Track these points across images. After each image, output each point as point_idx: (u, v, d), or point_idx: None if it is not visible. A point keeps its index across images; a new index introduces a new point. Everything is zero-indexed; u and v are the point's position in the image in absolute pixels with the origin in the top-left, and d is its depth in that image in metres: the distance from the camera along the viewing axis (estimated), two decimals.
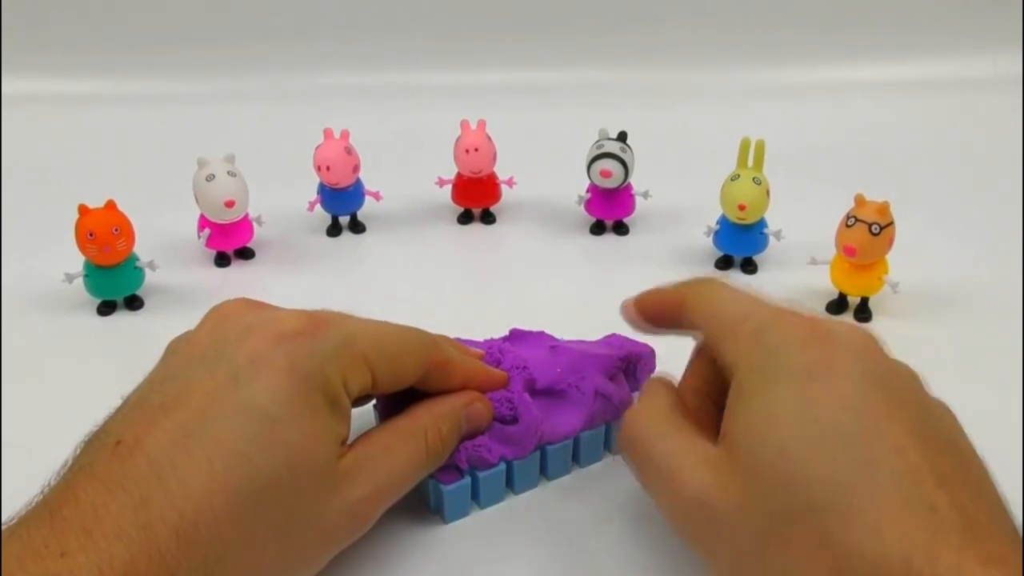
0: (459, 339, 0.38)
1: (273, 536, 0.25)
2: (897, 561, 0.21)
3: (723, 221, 0.53)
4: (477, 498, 0.34)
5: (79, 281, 0.49)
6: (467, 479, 0.33)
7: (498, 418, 0.34)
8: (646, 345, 0.38)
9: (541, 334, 0.38)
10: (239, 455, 0.25)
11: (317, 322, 0.29)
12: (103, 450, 0.25)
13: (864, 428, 0.24)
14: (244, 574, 0.25)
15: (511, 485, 0.35)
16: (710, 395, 0.31)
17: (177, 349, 0.29)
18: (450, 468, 0.33)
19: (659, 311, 0.33)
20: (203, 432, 0.25)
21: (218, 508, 0.24)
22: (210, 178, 0.51)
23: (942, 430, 0.25)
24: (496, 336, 0.39)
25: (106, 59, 0.83)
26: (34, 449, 0.27)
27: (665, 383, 0.31)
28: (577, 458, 0.36)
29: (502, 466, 0.34)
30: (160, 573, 0.23)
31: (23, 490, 0.26)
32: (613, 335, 0.39)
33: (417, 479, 0.31)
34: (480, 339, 0.38)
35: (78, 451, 0.26)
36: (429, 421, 0.31)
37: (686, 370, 0.32)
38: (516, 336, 0.39)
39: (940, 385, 0.42)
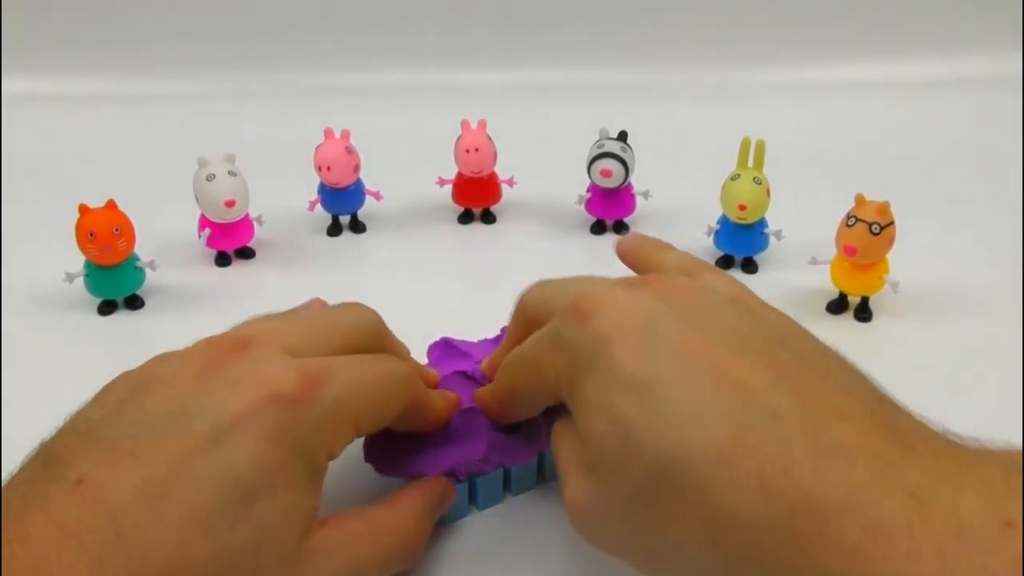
0: (451, 338, 0.38)
1: None
2: (753, 481, 0.21)
3: (723, 221, 0.53)
4: (475, 500, 0.34)
5: (79, 281, 0.49)
6: (465, 483, 0.33)
7: (499, 427, 0.34)
8: None
9: None
10: (208, 528, 0.23)
11: (311, 382, 0.26)
12: (61, 484, 0.23)
13: (675, 372, 0.23)
14: None
15: (508, 487, 0.35)
16: None
17: (156, 382, 0.27)
18: (448, 475, 0.33)
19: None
20: (174, 494, 0.23)
21: (164, 560, 0.22)
22: (210, 178, 0.51)
23: (769, 330, 0.25)
24: (489, 336, 0.39)
25: (106, 59, 0.83)
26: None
27: None
28: None
29: (499, 471, 0.34)
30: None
31: None
32: None
33: (390, 572, 0.29)
34: (475, 340, 0.38)
35: (27, 465, 0.25)
36: (409, 516, 0.30)
37: None
38: None
39: (940, 385, 0.42)
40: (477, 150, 0.57)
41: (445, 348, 0.38)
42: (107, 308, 0.50)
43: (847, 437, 0.21)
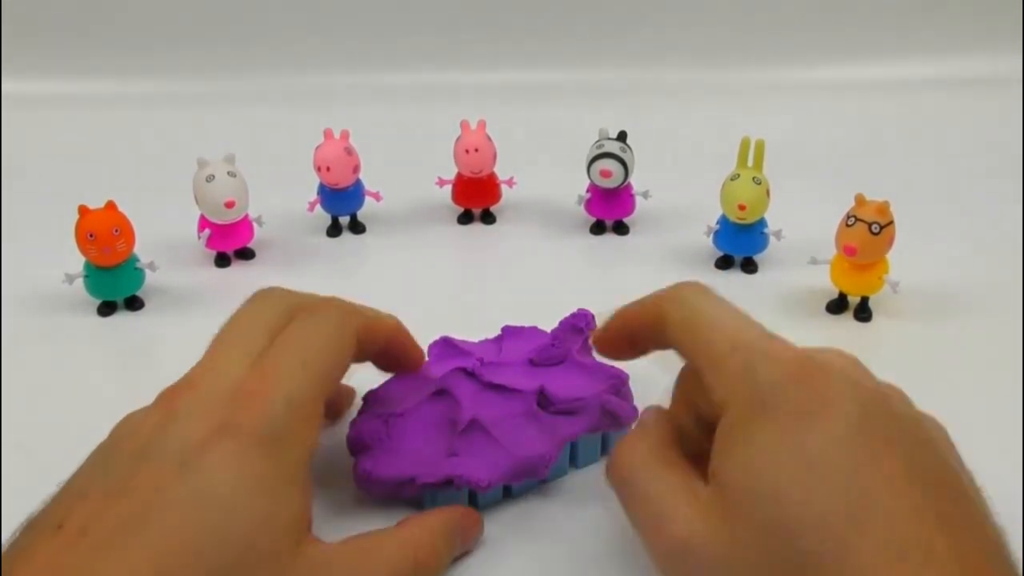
0: (451, 338, 0.38)
1: None
2: None
3: (723, 221, 0.53)
4: (475, 503, 0.34)
5: (79, 281, 0.49)
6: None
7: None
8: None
9: (533, 330, 0.38)
10: (188, 547, 0.23)
11: (261, 378, 0.27)
12: (43, 533, 0.23)
13: (859, 467, 0.23)
14: None
15: (508, 492, 0.35)
16: (701, 420, 0.29)
17: (121, 434, 0.27)
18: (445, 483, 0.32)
19: (636, 330, 0.30)
20: (150, 522, 0.23)
21: None
22: (210, 178, 0.51)
23: (938, 459, 0.24)
24: (490, 336, 0.39)
25: (106, 59, 0.83)
26: (34, 450, 0.27)
27: (659, 412, 0.30)
28: (575, 460, 0.36)
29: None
30: None
31: (23, 491, 0.26)
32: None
33: None
34: (475, 340, 0.38)
35: (17, 534, 0.24)
36: (422, 534, 0.29)
37: (674, 393, 0.30)
38: (508, 334, 0.38)
39: (940, 385, 0.42)
40: (477, 150, 0.57)
41: (445, 347, 0.38)
42: (107, 309, 0.50)
43: None
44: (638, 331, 0.30)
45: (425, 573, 0.28)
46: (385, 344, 0.33)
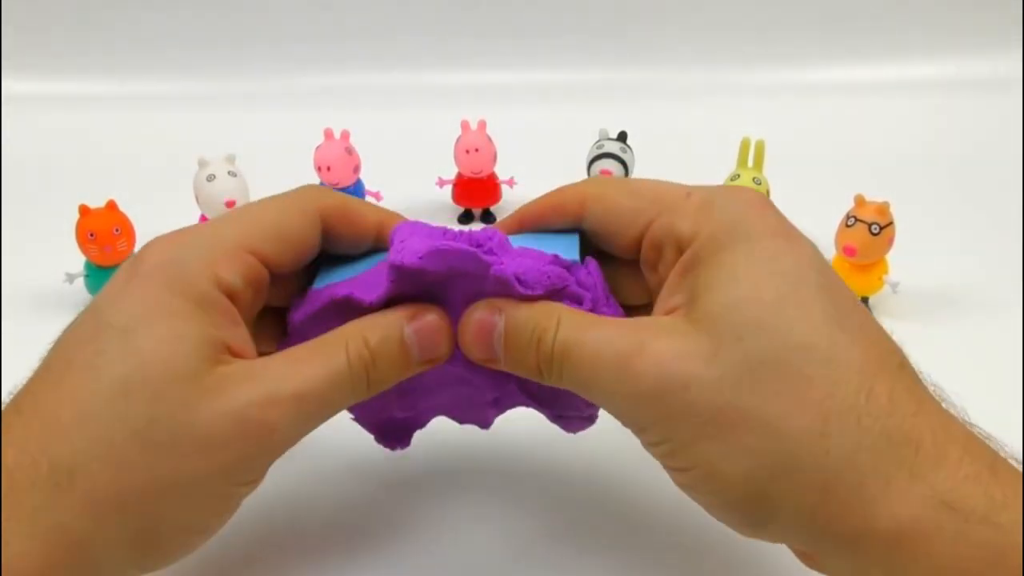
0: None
1: (135, 442, 0.24)
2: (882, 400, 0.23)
3: None
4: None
5: (80, 281, 0.49)
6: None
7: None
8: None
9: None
10: (87, 367, 0.25)
11: (178, 235, 0.28)
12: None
13: (830, 284, 0.25)
14: (111, 486, 0.24)
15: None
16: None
17: None
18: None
19: (557, 212, 0.31)
20: (59, 360, 0.26)
21: (65, 420, 0.24)
22: (211, 178, 0.51)
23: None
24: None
25: (106, 59, 0.83)
26: None
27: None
28: None
29: None
30: (22, 487, 0.23)
31: None
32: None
33: (341, 397, 0.26)
34: None
35: None
36: (353, 331, 0.27)
37: None
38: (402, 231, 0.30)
39: (940, 385, 0.42)
40: (477, 150, 0.57)
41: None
42: None
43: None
44: (561, 204, 0.31)
45: (359, 369, 0.26)
46: (376, 236, 0.32)
